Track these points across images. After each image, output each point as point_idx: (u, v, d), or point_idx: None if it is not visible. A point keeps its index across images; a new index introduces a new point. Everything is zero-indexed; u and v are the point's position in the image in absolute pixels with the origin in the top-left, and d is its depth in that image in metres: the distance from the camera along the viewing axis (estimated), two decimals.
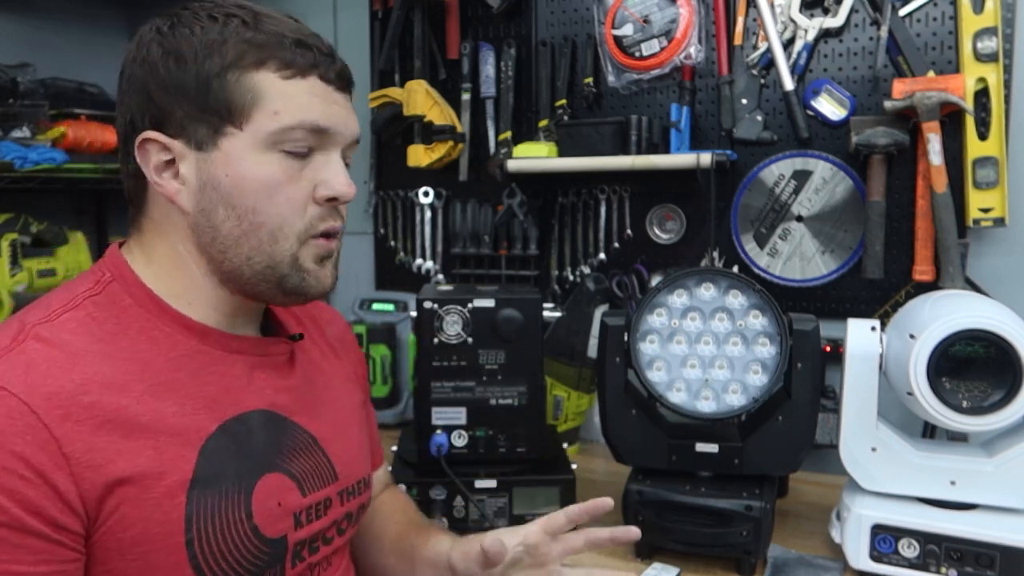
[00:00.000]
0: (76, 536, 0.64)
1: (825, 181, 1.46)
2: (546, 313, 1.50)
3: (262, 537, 0.73)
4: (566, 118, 1.65)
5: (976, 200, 1.34)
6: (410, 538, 0.96)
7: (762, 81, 1.51)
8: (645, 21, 1.55)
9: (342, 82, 0.76)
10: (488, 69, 1.73)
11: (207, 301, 0.77)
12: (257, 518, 0.73)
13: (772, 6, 1.47)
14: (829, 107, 1.46)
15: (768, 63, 1.49)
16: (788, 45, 1.47)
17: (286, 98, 0.72)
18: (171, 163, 0.73)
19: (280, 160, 0.73)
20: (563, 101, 1.66)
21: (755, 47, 1.51)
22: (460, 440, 1.20)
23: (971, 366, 0.98)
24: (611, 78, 1.61)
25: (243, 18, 0.73)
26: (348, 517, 0.86)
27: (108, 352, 0.70)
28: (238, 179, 0.72)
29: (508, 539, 0.87)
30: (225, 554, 0.71)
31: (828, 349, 1.44)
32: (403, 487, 1.16)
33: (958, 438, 1.25)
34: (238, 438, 0.74)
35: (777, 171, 1.49)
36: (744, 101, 1.52)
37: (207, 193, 0.73)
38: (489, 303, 1.19)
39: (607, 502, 0.90)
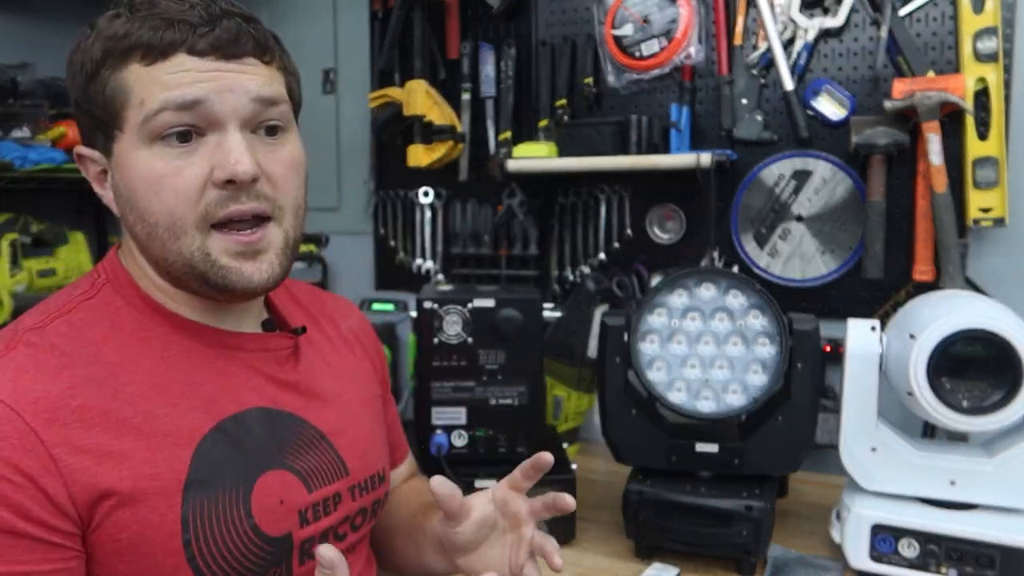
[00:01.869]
0: (72, 536, 0.64)
1: (825, 181, 1.46)
2: (546, 313, 1.50)
3: (263, 536, 0.72)
4: (566, 118, 1.65)
5: (976, 200, 1.34)
6: (417, 520, 0.95)
7: (762, 81, 1.51)
8: (645, 21, 1.55)
9: (226, 48, 0.69)
10: (488, 69, 1.73)
11: (184, 299, 0.76)
12: (257, 517, 0.72)
13: (772, 6, 1.47)
14: (829, 107, 1.46)
15: (768, 63, 1.49)
16: (788, 45, 1.47)
17: (150, 84, 0.68)
18: (104, 172, 0.74)
19: (162, 152, 0.68)
20: (563, 101, 1.66)
21: (755, 47, 1.51)
22: (460, 440, 1.20)
23: (971, 366, 0.98)
24: (611, 78, 1.61)
25: (126, 8, 0.69)
26: (363, 512, 0.85)
27: (98, 355, 0.69)
28: (129, 181, 0.70)
29: (477, 501, 0.84)
30: (224, 554, 0.70)
31: (828, 349, 1.44)
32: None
33: (958, 438, 1.24)
34: (236, 437, 0.73)
35: (777, 171, 1.49)
36: (744, 101, 1.52)
37: (119, 200, 0.73)
38: (489, 303, 1.19)
39: (546, 457, 0.84)
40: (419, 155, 1.75)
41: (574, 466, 1.22)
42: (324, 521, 0.79)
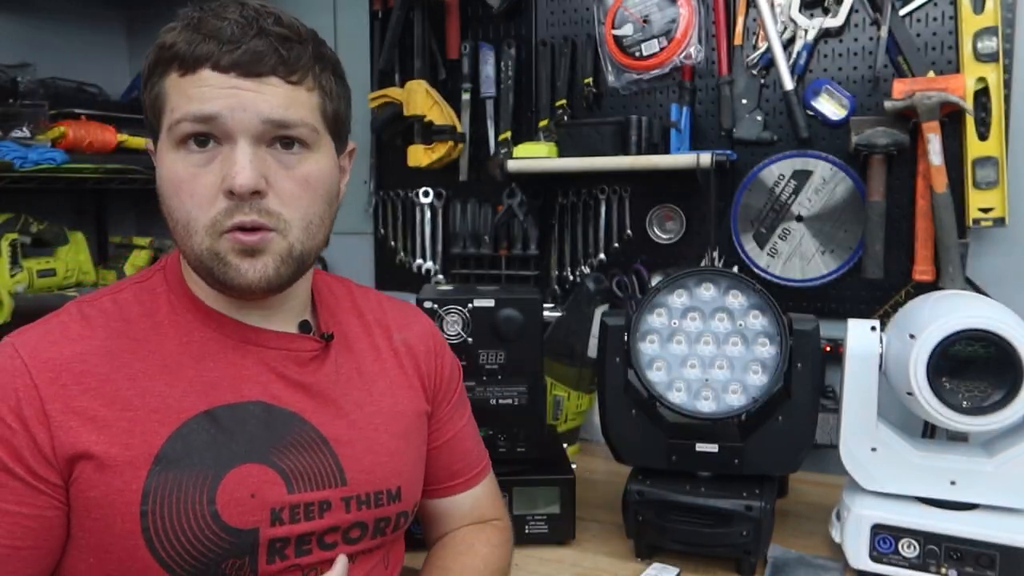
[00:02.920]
0: (56, 487, 0.71)
1: (825, 181, 1.46)
2: (546, 313, 1.50)
3: (223, 525, 0.73)
4: (566, 118, 1.65)
5: (976, 200, 1.34)
6: None
7: (762, 81, 1.51)
8: (645, 21, 1.55)
9: (246, 67, 0.73)
10: (488, 69, 1.73)
11: (212, 292, 0.80)
12: (220, 505, 0.73)
13: (772, 6, 1.47)
14: (829, 107, 1.46)
15: (768, 63, 1.49)
16: (788, 45, 1.47)
17: (179, 95, 0.73)
18: None
19: (184, 157, 0.74)
20: (563, 101, 1.67)
21: (755, 47, 1.51)
22: None
23: (971, 366, 0.98)
24: (611, 78, 1.62)
25: (188, 21, 0.74)
26: (360, 527, 0.82)
27: (123, 331, 0.77)
28: (161, 181, 0.76)
29: None
30: (179, 533, 0.72)
31: (828, 349, 1.44)
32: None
33: (958, 438, 1.24)
34: (226, 425, 0.76)
35: (777, 171, 1.49)
36: (744, 101, 1.52)
37: (160, 196, 0.78)
38: (489, 303, 1.19)
39: None
40: (419, 155, 1.75)
41: (574, 466, 1.22)
42: (303, 525, 0.78)
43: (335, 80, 0.83)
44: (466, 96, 1.76)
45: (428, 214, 1.85)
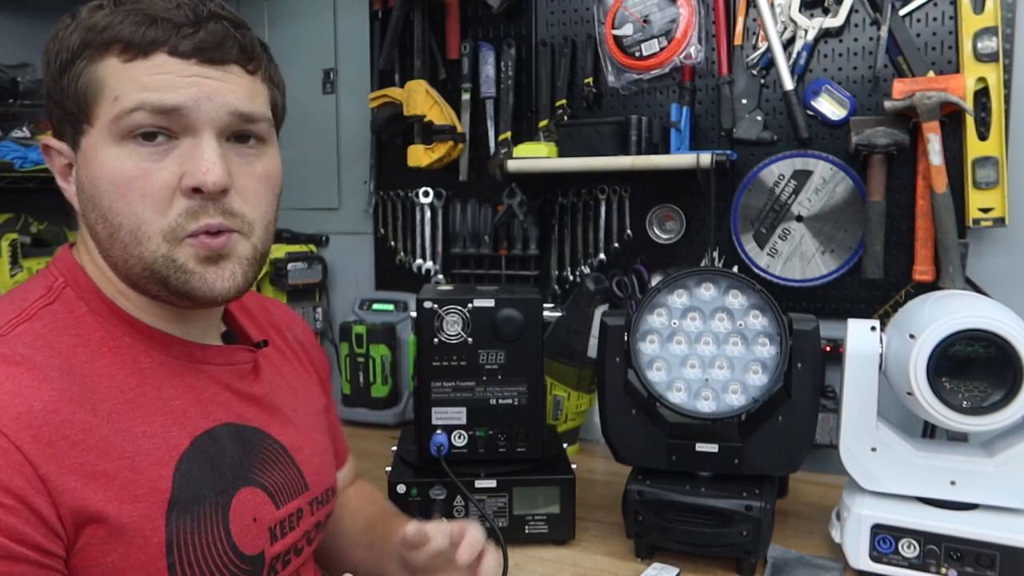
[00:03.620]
0: (60, 560, 0.61)
1: (825, 181, 1.46)
2: (546, 313, 1.50)
3: (240, 555, 0.71)
4: (566, 118, 1.65)
5: (976, 200, 1.34)
6: (378, 529, 0.94)
7: (762, 81, 1.51)
8: (645, 21, 1.55)
9: (209, 53, 0.66)
10: (488, 69, 1.73)
11: (147, 306, 0.72)
12: (235, 536, 0.70)
13: (772, 6, 1.47)
14: (829, 107, 1.46)
15: (768, 63, 1.49)
16: (788, 45, 1.47)
17: (126, 81, 0.65)
18: (69, 166, 0.71)
19: (132, 152, 0.65)
20: (563, 101, 1.66)
21: (755, 47, 1.51)
22: (460, 440, 1.20)
23: (971, 366, 0.98)
24: (611, 78, 1.61)
25: (110, 0, 0.67)
26: (317, 526, 0.85)
27: (70, 367, 0.65)
28: (95, 179, 0.67)
29: (435, 531, 0.81)
30: (205, 573, 0.68)
31: (828, 349, 1.44)
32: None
33: (958, 438, 1.24)
34: (210, 454, 0.71)
35: (777, 171, 1.49)
36: (744, 101, 1.52)
37: (82, 196, 0.69)
38: (489, 303, 1.19)
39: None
40: (419, 155, 1.75)
41: (574, 466, 1.22)
42: (290, 537, 0.78)
43: (276, 70, 0.77)
44: (466, 96, 1.76)
45: (428, 214, 1.85)
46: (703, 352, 1.14)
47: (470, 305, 1.18)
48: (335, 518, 0.97)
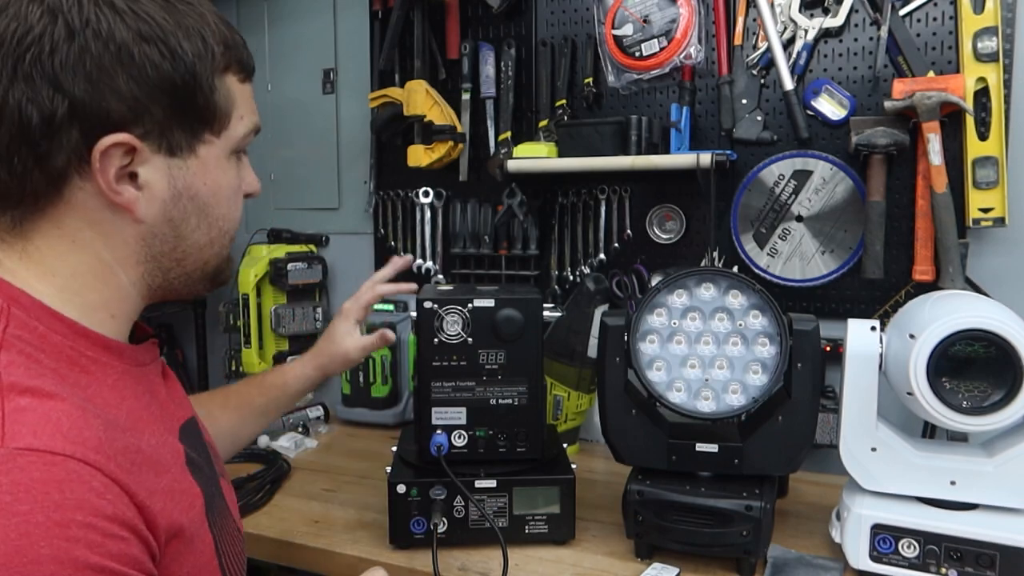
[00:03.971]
0: None
1: (825, 181, 1.46)
2: (546, 313, 1.50)
3: (241, 538, 0.78)
4: (566, 118, 1.65)
5: (976, 200, 1.34)
6: (239, 395, 1.12)
7: (762, 81, 1.51)
8: (645, 21, 1.55)
9: (250, 76, 0.74)
10: (488, 69, 1.73)
11: (126, 313, 0.70)
12: (238, 521, 0.78)
13: (772, 6, 1.47)
14: (829, 107, 1.46)
15: (768, 63, 1.49)
16: (788, 45, 1.47)
17: (244, 102, 0.71)
18: (128, 170, 0.64)
19: (234, 164, 0.73)
20: (563, 101, 1.66)
21: (755, 47, 1.51)
22: (460, 440, 1.20)
23: (971, 366, 0.98)
24: (611, 78, 1.61)
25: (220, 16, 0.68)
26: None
27: (74, 395, 0.59)
28: (215, 188, 0.69)
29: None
30: (235, 562, 0.74)
31: (828, 349, 1.44)
32: None
33: (958, 438, 1.25)
34: (191, 452, 0.73)
35: (777, 171, 1.49)
36: (744, 101, 1.52)
37: (181, 203, 0.67)
38: (489, 303, 1.19)
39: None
40: (419, 155, 1.75)
41: (574, 466, 1.22)
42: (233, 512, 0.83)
43: None
44: (466, 96, 1.76)
45: (428, 214, 1.85)
46: (703, 352, 1.14)
47: (470, 305, 1.18)
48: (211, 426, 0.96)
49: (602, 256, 1.68)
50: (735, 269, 1.49)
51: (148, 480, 0.60)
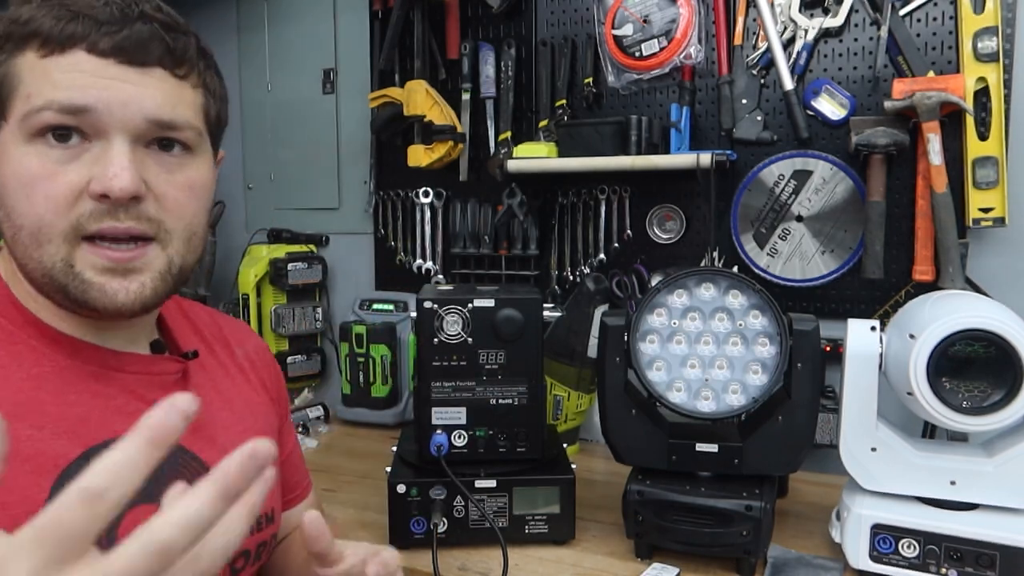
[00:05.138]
0: None
1: (825, 181, 1.46)
2: (546, 313, 1.50)
3: None
4: (566, 118, 1.65)
5: (976, 200, 1.34)
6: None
7: (762, 81, 1.51)
8: (645, 21, 1.55)
9: (129, 53, 0.63)
10: (488, 69, 1.73)
11: (58, 313, 0.68)
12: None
13: (772, 6, 1.47)
14: (829, 107, 1.46)
15: (768, 63, 1.49)
16: (788, 45, 1.47)
17: (40, 78, 0.62)
18: None
19: (41, 152, 0.63)
20: (563, 101, 1.66)
21: (755, 47, 1.51)
22: (460, 440, 1.20)
23: (971, 366, 0.98)
24: (611, 78, 1.61)
25: None
26: (245, 555, 0.79)
27: None
28: (3, 176, 0.64)
29: (350, 551, 0.76)
30: None
31: (828, 349, 1.44)
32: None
33: (958, 438, 1.24)
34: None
35: (777, 171, 1.49)
36: (744, 101, 1.52)
37: None
38: (489, 303, 1.19)
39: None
40: (419, 155, 1.75)
41: (574, 466, 1.22)
42: None
43: (218, 80, 0.74)
44: (466, 96, 1.76)
45: (428, 214, 1.85)
46: (703, 352, 1.14)
47: (470, 305, 1.18)
48: (286, 554, 0.92)
49: (602, 256, 1.68)
50: (735, 269, 1.49)
51: None
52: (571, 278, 1.71)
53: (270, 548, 0.84)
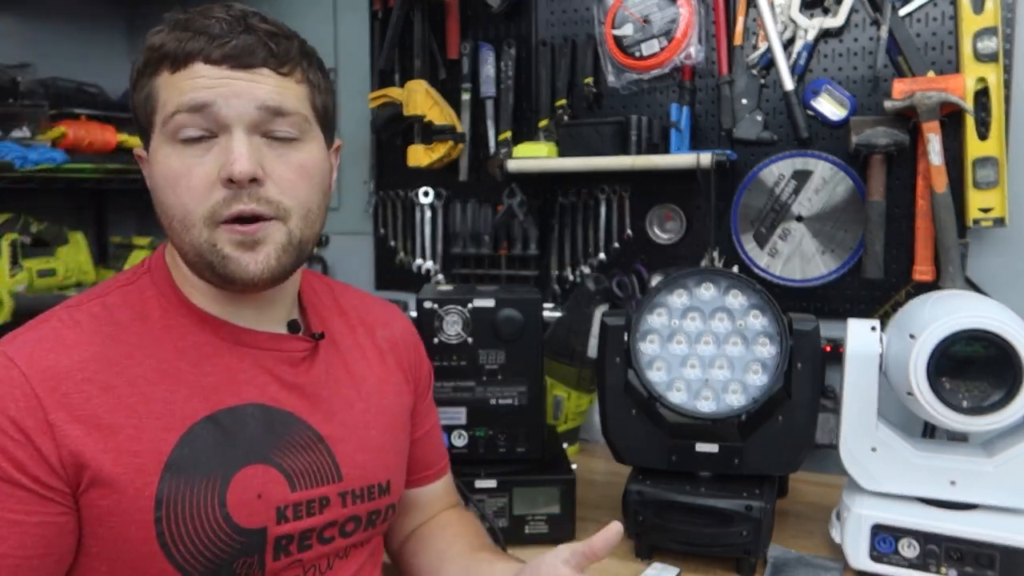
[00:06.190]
0: (64, 494, 0.70)
1: (825, 181, 1.46)
2: (546, 313, 1.50)
3: (235, 526, 0.75)
4: (566, 118, 1.65)
5: (976, 200, 1.34)
6: (482, 554, 0.94)
7: (762, 81, 1.51)
8: (645, 21, 1.55)
9: (237, 59, 0.74)
10: (488, 69, 1.73)
11: (207, 292, 0.80)
12: (231, 507, 0.75)
13: (772, 6, 1.47)
14: (829, 107, 1.46)
15: (768, 63, 1.49)
16: (788, 45, 1.47)
17: (171, 89, 0.74)
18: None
19: (180, 152, 0.74)
20: (563, 101, 1.66)
21: (755, 47, 1.51)
22: (460, 440, 1.20)
23: (971, 366, 0.98)
24: (611, 78, 1.61)
25: (175, 22, 0.76)
26: (355, 520, 0.85)
27: (117, 336, 0.76)
28: (157, 178, 0.76)
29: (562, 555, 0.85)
30: (193, 537, 0.73)
31: (828, 349, 1.44)
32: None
33: (958, 438, 1.24)
34: (228, 429, 0.77)
35: (777, 171, 1.49)
36: (744, 101, 1.52)
37: (153, 195, 0.79)
38: (489, 303, 1.19)
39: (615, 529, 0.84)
40: (419, 155, 1.75)
41: (574, 466, 1.22)
42: (305, 521, 0.80)
43: (321, 75, 0.83)
44: (466, 96, 1.76)
45: (428, 214, 1.85)
46: (703, 352, 1.14)
47: (470, 305, 1.18)
48: (432, 533, 1.00)
49: (602, 256, 1.68)
50: (735, 269, 1.49)
51: (86, 411, 0.70)
52: (571, 278, 1.71)
53: (384, 517, 0.90)
